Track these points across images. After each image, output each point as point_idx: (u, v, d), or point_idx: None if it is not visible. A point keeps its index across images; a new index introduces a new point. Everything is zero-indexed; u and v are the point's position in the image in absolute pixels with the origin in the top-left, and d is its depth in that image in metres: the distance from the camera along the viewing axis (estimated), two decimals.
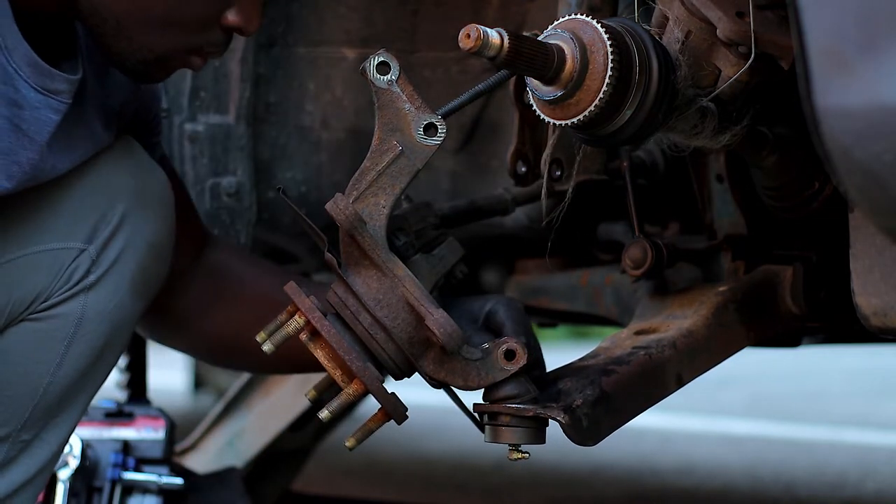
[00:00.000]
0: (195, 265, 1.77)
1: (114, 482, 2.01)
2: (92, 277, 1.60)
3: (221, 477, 2.17)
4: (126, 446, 2.07)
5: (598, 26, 1.38)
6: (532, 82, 1.42)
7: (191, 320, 1.77)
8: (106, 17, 1.48)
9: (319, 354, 1.45)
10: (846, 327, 1.68)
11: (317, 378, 1.52)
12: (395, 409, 1.46)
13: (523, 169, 1.81)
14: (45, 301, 1.59)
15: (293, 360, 1.67)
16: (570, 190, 1.69)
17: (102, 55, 1.54)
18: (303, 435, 2.68)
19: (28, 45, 1.46)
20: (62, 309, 1.59)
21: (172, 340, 1.84)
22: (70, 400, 1.63)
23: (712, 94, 1.48)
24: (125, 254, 1.61)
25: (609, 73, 1.37)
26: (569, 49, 1.39)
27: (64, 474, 1.98)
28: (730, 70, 1.47)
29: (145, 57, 1.50)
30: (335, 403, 1.45)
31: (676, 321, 1.66)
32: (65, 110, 1.51)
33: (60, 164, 1.55)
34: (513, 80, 1.75)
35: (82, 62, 1.55)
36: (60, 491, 1.97)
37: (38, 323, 1.59)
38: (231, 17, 1.49)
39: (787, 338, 1.86)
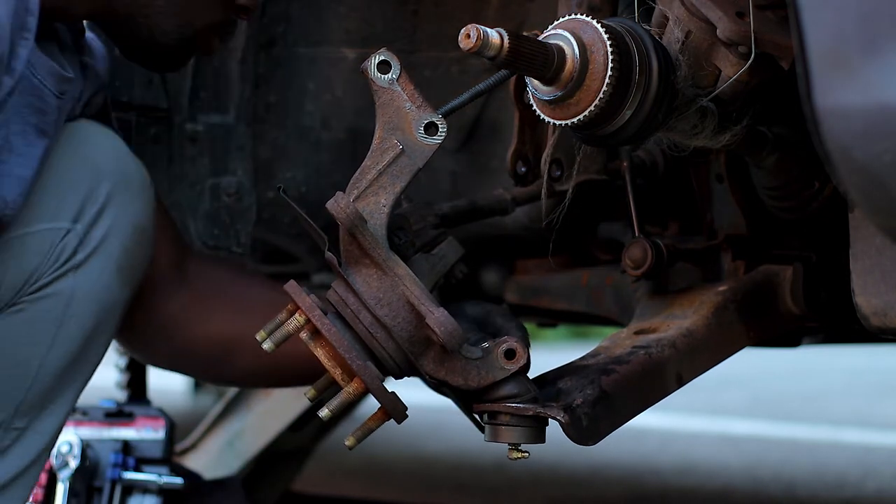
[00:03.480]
0: (177, 274, 1.79)
1: (114, 482, 2.01)
2: (80, 256, 1.62)
3: (223, 483, 2.17)
4: (126, 446, 2.07)
5: (598, 26, 1.38)
6: (532, 82, 1.42)
7: (175, 329, 1.79)
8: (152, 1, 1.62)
9: (319, 353, 1.45)
10: (846, 327, 1.68)
11: (316, 378, 1.52)
12: (394, 409, 1.46)
13: (523, 169, 1.81)
14: (35, 283, 1.60)
15: (277, 373, 1.78)
16: (571, 190, 1.69)
17: (128, 51, 1.69)
18: (303, 435, 2.68)
19: (45, 55, 1.57)
20: (52, 289, 1.61)
21: (154, 353, 1.86)
22: (62, 387, 1.64)
23: (712, 94, 1.48)
24: (111, 234, 1.64)
25: (609, 73, 1.37)
26: (569, 49, 1.39)
27: (64, 474, 1.97)
28: (730, 70, 1.47)
29: (185, 33, 1.66)
30: (335, 402, 1.45)
31: (676, 321, 1.66)
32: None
33: None
34: (513, 80, 1.75)
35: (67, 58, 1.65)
36: (60, 491, 1.97)
37: (30, 305, 1.60)
38: None
39: (787, 338, 1.86)
